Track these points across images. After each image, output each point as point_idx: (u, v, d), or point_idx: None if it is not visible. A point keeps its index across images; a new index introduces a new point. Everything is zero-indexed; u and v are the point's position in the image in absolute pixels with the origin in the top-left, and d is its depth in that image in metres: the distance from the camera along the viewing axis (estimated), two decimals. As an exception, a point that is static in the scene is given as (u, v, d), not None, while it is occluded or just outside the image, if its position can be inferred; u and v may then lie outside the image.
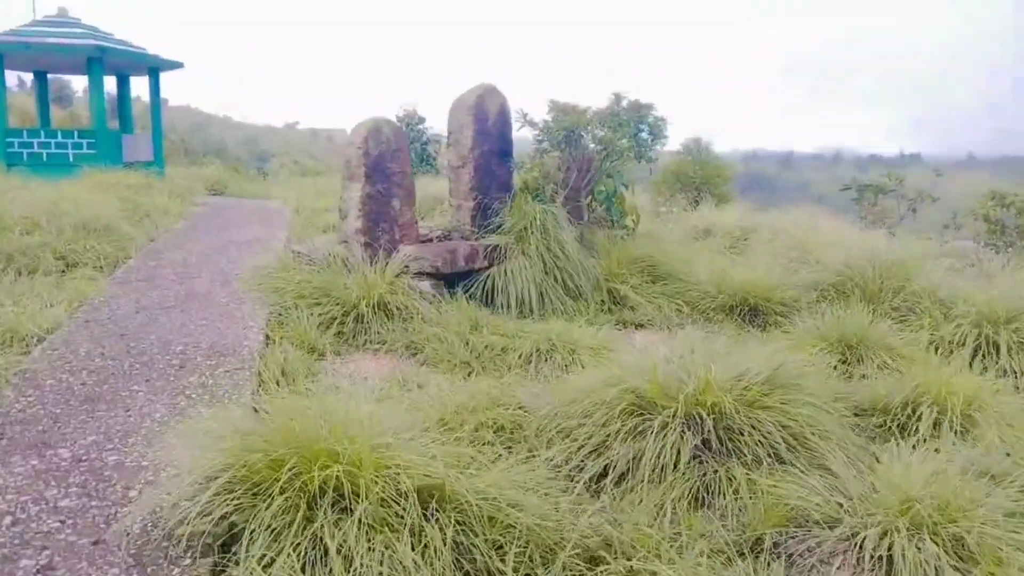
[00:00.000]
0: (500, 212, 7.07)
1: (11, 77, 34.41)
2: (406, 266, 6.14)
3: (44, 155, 14.26)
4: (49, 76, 18.40)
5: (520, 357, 4.96)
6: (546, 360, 4.92)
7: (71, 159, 14.17)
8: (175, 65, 16.64)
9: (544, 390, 4.22)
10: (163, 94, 17.52)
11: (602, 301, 6.50)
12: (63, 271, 6.91)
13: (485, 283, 6.42)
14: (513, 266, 6.44)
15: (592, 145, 7.26)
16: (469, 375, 4.88)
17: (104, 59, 14.78)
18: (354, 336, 5.52)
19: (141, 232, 8.59)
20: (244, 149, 35.22)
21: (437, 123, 20.59)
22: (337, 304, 5.67)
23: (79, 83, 38.17)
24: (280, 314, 5.73)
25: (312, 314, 5.58)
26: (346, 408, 3.21)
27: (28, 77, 26.60)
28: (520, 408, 3.96)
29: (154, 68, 16.56)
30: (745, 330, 6.02)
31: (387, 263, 6.18)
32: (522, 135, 7.72)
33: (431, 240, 7.20)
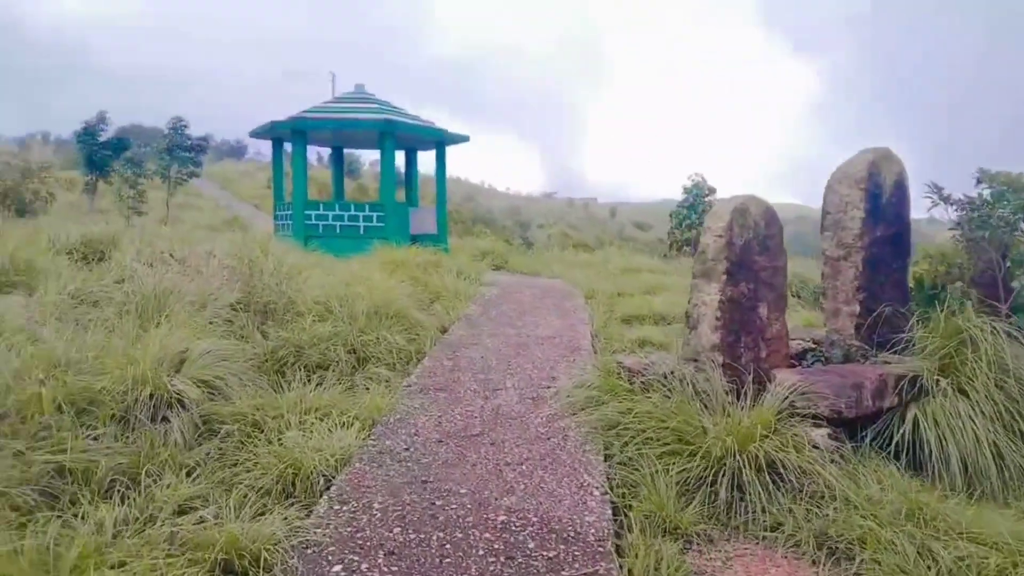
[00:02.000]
0: (902, 323, 5.08)
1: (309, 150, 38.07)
2: (791, 403, 4.34)
3: (337, 227, 14.46)
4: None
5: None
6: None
7: (362, 231, 14.23)
8: (461, 139, 16.53)
9: None
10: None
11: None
12: (354, 367, 6.03)
13: (897, 431, 4.42)
14: (944, 409, 4.39)
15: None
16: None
17: (395, 133, 14.89)
18: (729, 511, 3.80)
19: (433, 319, 7.67)
20: (509, 219, 35.70)
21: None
22: (698, 457, 4.01)
23: (367, 155, 41.60)
24: (621, 462, 4.20)
25: (665, 468, 3.97)
26: None
27: (324, 151, 28.99)
28: None
29: (440, 142, 16.54)
30: None
31: (758, 395, 4.45)
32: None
33: (803, 357, 5.37)
